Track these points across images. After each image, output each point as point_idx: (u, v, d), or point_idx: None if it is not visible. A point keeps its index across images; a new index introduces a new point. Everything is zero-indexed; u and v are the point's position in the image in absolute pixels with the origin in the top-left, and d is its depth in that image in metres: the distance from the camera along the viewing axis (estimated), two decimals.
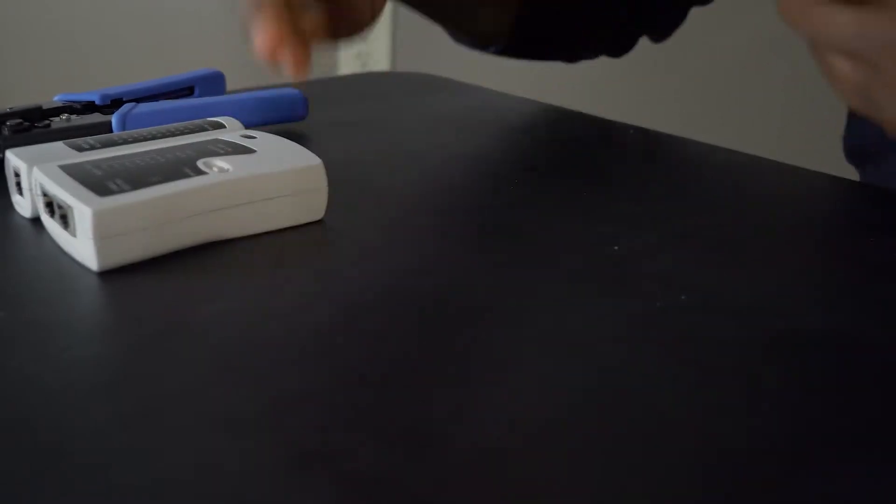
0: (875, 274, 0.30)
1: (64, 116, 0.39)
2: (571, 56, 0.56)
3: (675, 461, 0.20)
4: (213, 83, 0.45)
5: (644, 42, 0.56)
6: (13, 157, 0.33)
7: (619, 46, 0.55)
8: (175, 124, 0.37)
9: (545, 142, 0.46)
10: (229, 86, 0.46)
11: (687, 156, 0.43)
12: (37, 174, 0.31)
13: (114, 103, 0.41)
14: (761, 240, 0.33)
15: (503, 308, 0.27)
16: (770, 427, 0.22)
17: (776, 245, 0.32)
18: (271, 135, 0.36)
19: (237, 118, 0.38)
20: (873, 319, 0.27)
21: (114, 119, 0.39)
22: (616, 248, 0.31)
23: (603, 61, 0.59)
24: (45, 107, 0.39)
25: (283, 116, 0.44)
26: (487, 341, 0.25)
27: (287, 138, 0.35)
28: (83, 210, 0.28)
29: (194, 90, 0.44)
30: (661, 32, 0.54)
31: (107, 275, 0.29)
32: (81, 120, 0.39)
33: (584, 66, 0.60)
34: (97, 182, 0.30)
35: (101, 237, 0.28)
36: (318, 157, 0.33)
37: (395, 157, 0.41)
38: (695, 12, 0.56)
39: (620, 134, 0.46)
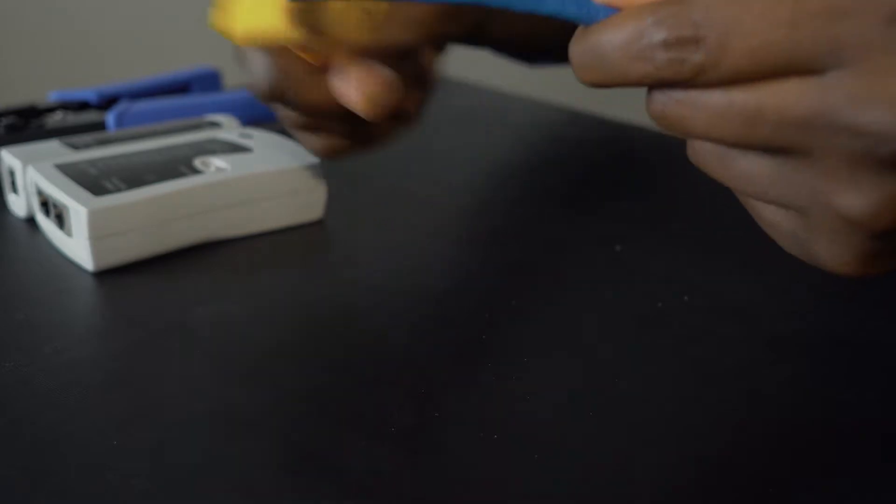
0: (875, 274, 0.30)
1: (59, 114, 0.38)
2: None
3: (675, 460, 0.20)
4: (209, 81, 0.44)
5: None
6: (8, 156, 0.32)
7: None
8: (171, 122, 0.37)
9: (545, 142, 0.46)
10: (226, 83, 0.46)
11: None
12: (31, 173, 0.31)
13: (109, 101, 0.40)
14: (762, 240, 0.33)
15: (503, 308, 0.27)
16: (770, 427, 0.21)
17: (777, 245, 0.32)
18: (269, 133, 0.35)
19: (234, 116, 0.38)
20: (874, 319, 0.27)
21: (109, 117, 0.38)
22: (617, 248, 0.31)
23: None
24: (39, 105, 0.39)
25: None
26: (488, 341, 0.25)
27: (286, 137, 0.35)
28: (78, 209, 0.28)
29: (190, 88, 0.44)
30: None
31: (102, 275, 0.29)
32: (76, 118, 0.38)
33: None
34: (93, 181, 0.29)
35: (97, 237, 0.28)
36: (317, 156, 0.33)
37: (394, 156, 0.41)
38: None
39: (621, 134, 0.46)
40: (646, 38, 0.16)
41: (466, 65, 0.52)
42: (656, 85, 0.17)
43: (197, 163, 0.32)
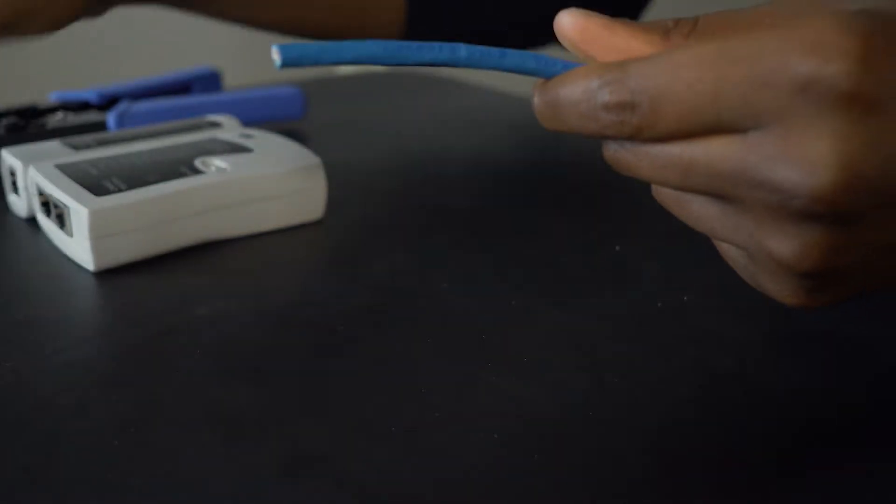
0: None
1: (60, 115, 0.38)
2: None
3: (675, 460, 0.20)
4: (209, 81, 0.44)
5: None
6: (8, 157, 0.32)
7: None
8: (172, 123, 0.37)
9: (545, 142, 0.46)
10: (227, 83, 0.46)
11: None
12: (32, 173, 0.31)
13: (110, 102, 0.40)
14: None
15: (503, 308, 0.27)
16: (770, 426, 0.21)
17: None
18: (269, 134, 0.35)
19: (235, 116, 0.38)
20: (873, 319, 0.27)
21: (110, 117, 0.38)
22: (617, 247, 0.31)
23: None
24: (40, 105, 0.39)
25: (282, 115, 0.44)
26: (488, 341, 0.25)
27: (286, 138, 0.35)
28: (79, 209, 0.28)
29: (191, 88, 0.44)
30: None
31: (103, 275, 0.29)
32: (77, 118, 0.38)
33: None
34: (93, 181, 0.30)
35: (98, 237, 0.28)
36: (318, 156, 0.33)
37: (394, 156, 0.41)
38: (693, 6, 0.56)
39: None
40: (592, 99, 0.18)
41: None
42: (604, 139, 0.19)
43: (197, 163, 0.32)
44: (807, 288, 0.19)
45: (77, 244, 0.29)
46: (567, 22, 0.19)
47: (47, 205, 0.30)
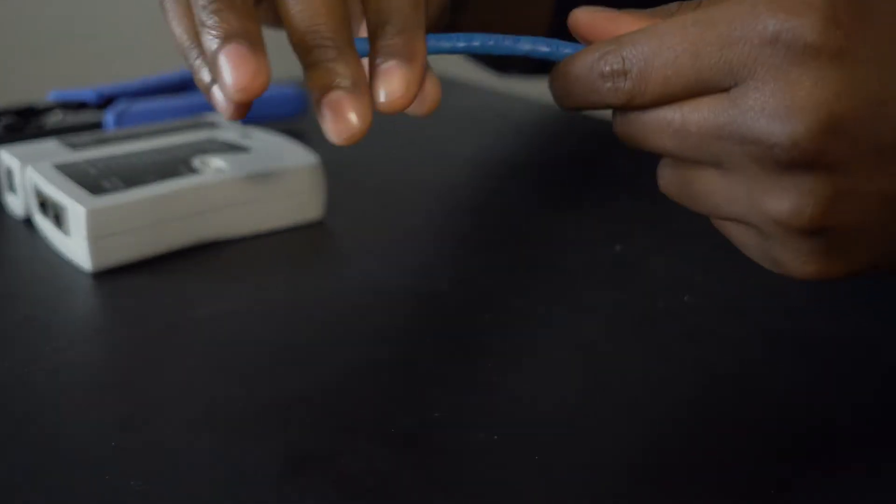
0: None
1: (57, 114, 0.38)
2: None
3: (675, 460, 0.20)
4: None
5: None
6: (6, 156, 0.32)
7: None
8: (170, 122, 0.36)
9: (545, 142, 0.46)
10: None
11: None
12: (30, 173, 0.31)
13: (108, 101, 0.40)
14: None
15: (503, 308, 0.27)
16: (770, 426, 0.21)
17: None
18: (268, 133, 0.35)
19: None
20: (873, 319, 0.27)
21: (108, 117, 0.38)
22: (617, 248, 0.31)
23: None
24: (38, 105, 0.39)
25: (281, 113, 0.43)
26: (488, 341, 0.25)
27: (285, 137, 0.35)
28: (77, 209, 0.28)
29: (189, 87, 0.44)
30: None
31: (101, 275, 0.28)
32: (75, 118, 0.38)
33: None
34: (91, 181, 0.29)
35: (95, 237, 0.28)
36: (317, 155, 0.33)
37: (394, 156, 0.41)
38: None
39: None
40: (592, 71, 0.20)
41: (466, 65, 0.52)
42: (608, 108, 0.21)
43: (196, 163, 0.32)
44: (819, 250, 0.19)
45: (74, 244, 0.29)
46: (578, 18, 0.21)
47: (45, 204, 0.30)
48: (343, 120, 0.20)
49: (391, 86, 0.20)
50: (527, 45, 0.21)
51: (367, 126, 0.20)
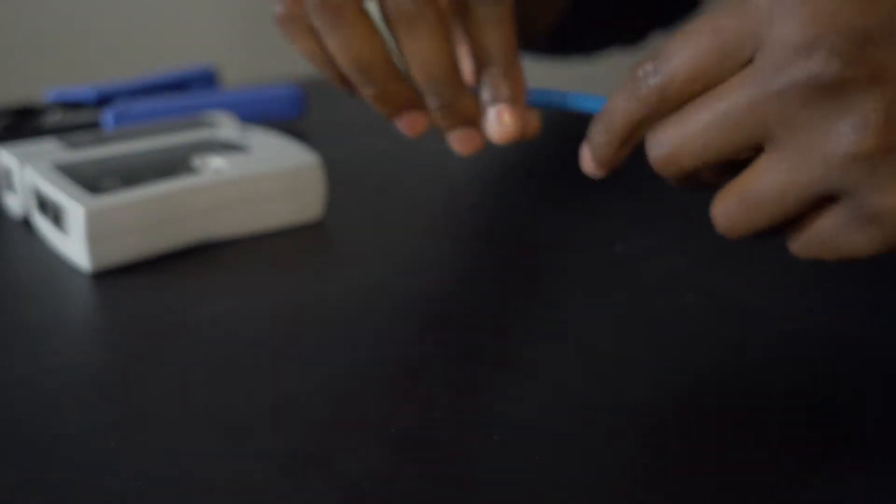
0: (875, 274, 0.30)
1: (56, 114, 0.38)
2: (598, 45, 0.56)
3: (675, 460, 0.20)
4: (207, 79, 0.44)
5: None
6: (4, 156, 0.32)
7: (635, 34, 0.55)
8: (169, 121, 0.36)
9: (545, 142, 0.46)
10: (224, 81, 0.46)
11: None
12: (29, 173, 0.31)
13: (107, 100, 0.40)
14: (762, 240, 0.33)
15: (503, 308, 0.27)
16: (770, 427, 0.21)
17: (778, 245, 0.32)
18: (268, 132, 0.35)
19: (232, 114, 0.38)
20: (874, 319, 0.27)
21: (107, 116, 0.38)
22: (617, 248, 0.31)
23: (603, 60, 0.59)
24: (36, 104, 0.39)
25: (280, 113, 0.43)
26: (487, 341, 0.25)
27: (285, 136, 0.35)
28: (76, 209, 0.28)
29: (188, 86, 0.44)
30: (668, 21, 0.54)
31: (100, 275, 0.28)
32: (74, 117, 0.38)
33: (584, 66, 0.60)
34: (90, 180, 0.29)
35: (94, 237, 0.28)
36: (317, 155, 0.33)
37: (394, 156, 0.41)
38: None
39: None
40: (629, 83, 0.22)
41: None
42: (647, 121, 0.22)
43: (195, 162, 0.32)
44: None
45: (73, 244, 0.28)
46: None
47: (44, 204, 0.30)
48: (467, 145, 0.29)
49: (504, 124, 0.27)
50: (576, 101, 0.25)
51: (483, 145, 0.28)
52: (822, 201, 0.21)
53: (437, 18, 0.25)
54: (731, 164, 0.22)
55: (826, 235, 0.21)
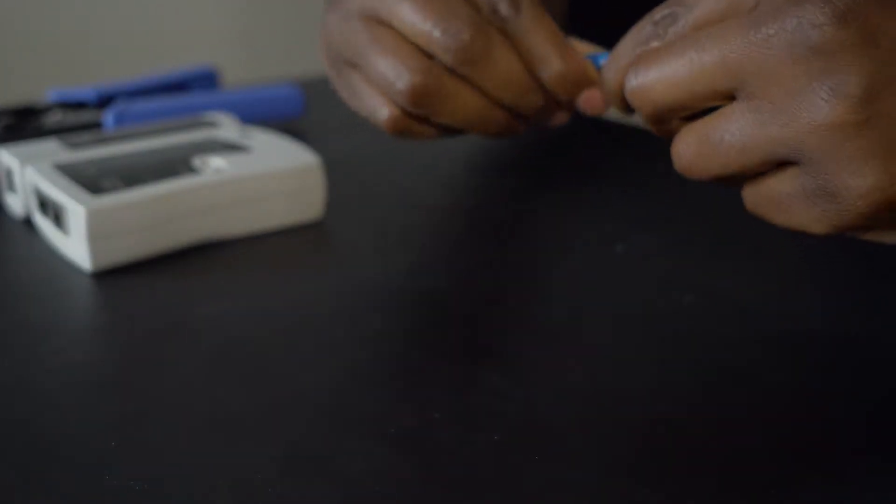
0: (875, 274, 0.30)
1: (57, 114, 0.38)
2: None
3: (675, 460, 0.20)
4: (207, 79, 0.44)
5: None
6: (5, 156, 0.32)
7: None
8: (170, 121, 0.36)
9: (545, 141, 0.46)
10: (225, 82, 0.46)
11: None
12: (29, 173, 0.31)
13: (107, 100, 0.40)
14: (761, 239, 0.33)
15: (503, 308, 0.27)
16: (770, 427, 0.21)
17: (777, 245, 0.32)
18: (268, 133, 0.35)
19: (233, 115, 0.38)
20: (873, 319, 0.27)
21: (107, 116, 0.38)
22: (617, 248, 0.31)
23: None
24: (37, 104, 0.39)
25: (280, 113, 0.43)
26: (487, 341, 0.25)
27: (285, 136, 0.35)
28: (76, 209, 0.28)
29: (189, 86, 0.44)
30: None
31: (100, 275, 0.28)
32: (75, 117, 0.38)
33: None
34: (91, 181, 0.29)
35: (95, 236, 0.28)
36: (317, 155, 0.33)
37: (394, 156, 0.41)
38: None
39: (621, 134, 0.46)
40: (651, 25, 0.22)
41: None
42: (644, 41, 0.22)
43: (195, 162, 0.32)
44: (873, 150, 0.18)
45: (74, 244, 0.29)
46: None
47: (44, 204, 0.30)
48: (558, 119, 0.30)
49: (593, 108, 0.28)
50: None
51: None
52: (784, 163, 0.20)
53: (499, 42, 0.26)
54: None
55: (780, 200, 0.20)
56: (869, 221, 0.19)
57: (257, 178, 0.31)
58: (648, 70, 0.21)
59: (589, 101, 0.28)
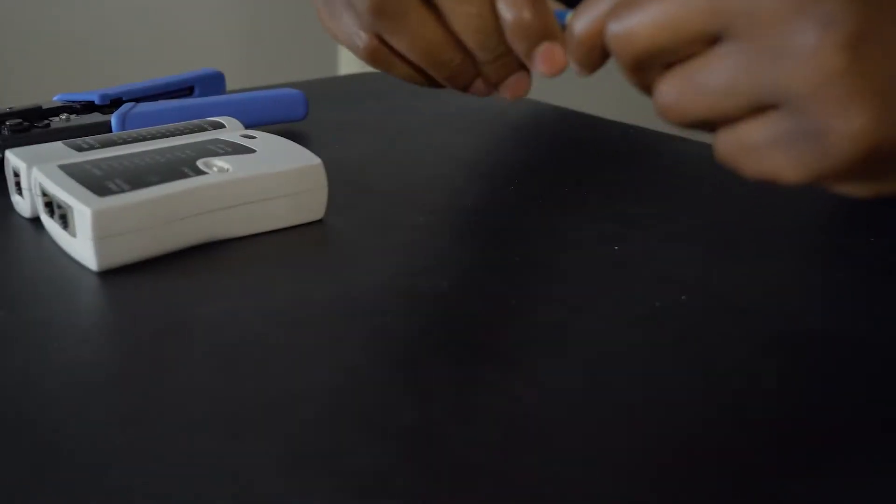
0: (875, 274, 0.30)
1: (63, 116, 0.39)
2: None
3: (674, 460, 0.20)
4: (212, 83, 0.45)
5: None
6: (13, 157, 0.33)
7: None
8: (175, 124, 0.37)
9: (545, 142, 0.46)
10: (229, 85, 0.46)
11: (688, 155, 0.43)
12: (36, 174, 0.31)
13: (113, 103, 0.40)
14: (761, 239, 0.33)
15: (503, 308, 0.27)
16: (770, 427, 0.22)
17: (776, 245, 0.32)
18: (271, 135, 0.36)
19: (237, 118, 0.38)
20: (873, 319, 0.27)
21: (113, 119, 0.39)
22: (616, 248, 0.31)
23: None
24: (44, 107, 0.39)
25: (284, 116, 0.44)
26: (487, 341, 0.25)
27: (287, 138, 0.35)
28: (83, 210, 0.28)
29: (194, 90, 0.44)
30: None
31: (106, 275, 0.29)
32: (81, 120, 0.39)
33: None
34: (97, 182, 0.30)
35: (101, 237, 0.28)
36: (318, 157, 0.33)
37: (394, 157, 0.41)
38: None
39: (620, 134, 0.46)
40: None
41: None
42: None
43: (200, 164, 0.32)
44: (859, 93, 0.17)
45: (80, 244, 0.29)
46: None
47: (51, 205, 0.30)
48: (518, 89, 0.31)
49: (555, 60, 0.29)
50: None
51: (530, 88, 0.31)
52: (766, 108, 0.19)
53: None
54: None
55: (756, 146, 0.19)
56: (848, 167, 0.18)
57: (261, 179, 0.32)
58: (632, 13, 0.20)
59: (547, 54, 0.28)
